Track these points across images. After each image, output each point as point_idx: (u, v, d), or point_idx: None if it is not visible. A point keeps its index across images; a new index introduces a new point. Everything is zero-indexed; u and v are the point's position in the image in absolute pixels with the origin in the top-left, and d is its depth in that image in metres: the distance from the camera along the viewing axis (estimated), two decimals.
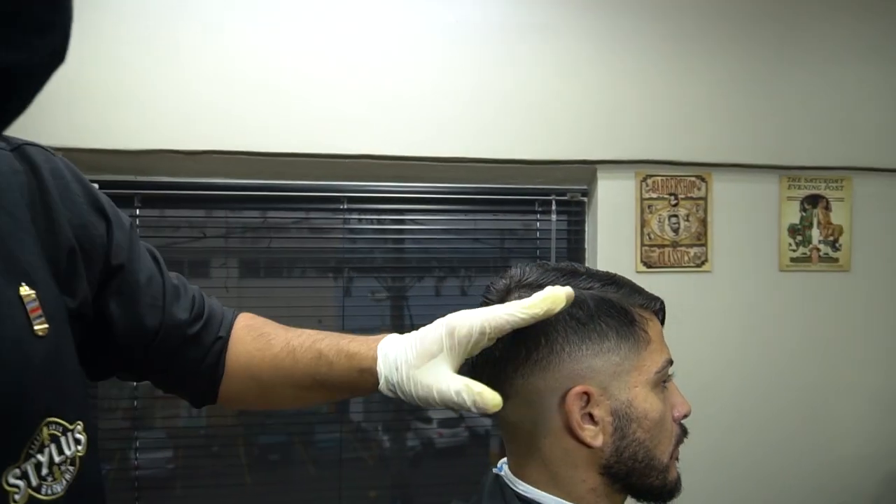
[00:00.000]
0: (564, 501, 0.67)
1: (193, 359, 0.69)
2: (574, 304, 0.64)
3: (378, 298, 1.92)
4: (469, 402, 0.60)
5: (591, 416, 0.64)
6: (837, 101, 1.88)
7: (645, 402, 0.66)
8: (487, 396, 0.60)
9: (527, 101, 1.76)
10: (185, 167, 1.71)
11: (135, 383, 1.69)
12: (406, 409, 1.89)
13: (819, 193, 1.89)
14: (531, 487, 0.67)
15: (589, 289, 0.67)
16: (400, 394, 0.64)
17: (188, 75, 1.64)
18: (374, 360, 0.66)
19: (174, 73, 1.64)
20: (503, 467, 0.72)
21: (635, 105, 1.80)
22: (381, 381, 0.65)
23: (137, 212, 1.74)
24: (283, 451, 1.95)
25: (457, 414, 1.83)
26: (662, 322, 0.71)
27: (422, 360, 0.63)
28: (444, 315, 0.66)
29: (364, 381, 0.67)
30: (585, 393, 0.64)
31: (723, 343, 1.86)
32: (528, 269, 0.69)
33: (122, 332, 0.63)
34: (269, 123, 1.67)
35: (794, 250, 1.88)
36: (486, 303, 0.69)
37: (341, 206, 1.80)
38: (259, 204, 1.83)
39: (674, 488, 0.69)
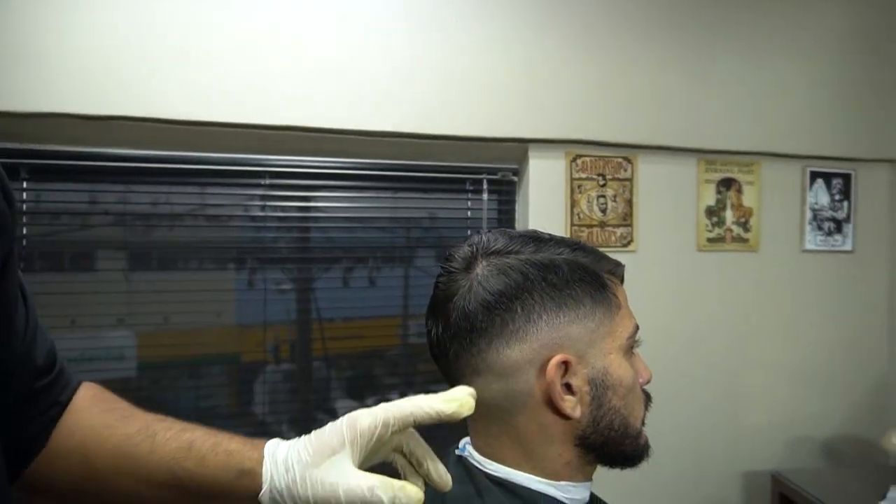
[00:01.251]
0: (540, 478, 0.63)
1: (26, 417, 0.53)
2: (549, 269, 0.61)
3: (283, 290, 1.81)
4: (387, 500, 0.48)
5: (568, 386, 0.61)
6: (752, 89, 1.97)
7: (619, 368, 0.64)
8: (410, 491, 0.49)
9: (459, 76, 1.72)
10: (83, 135, 1.53)
11: None
12: (312, 402, 1.80)
13: (732, 177, 1.98)
14: (502, 466, 0.64)
15: (560, 255, 0.64)
16: (289, 501, 0.50)
17: (90, 30, 1.46)
18: (259, 460, 0.53)
19: (73, 27, 1.45)
20: (466, 448, 0.68)
21: (566, 85, 1.80)
22: (265, 485, 0.51)
23: (24, 184, 1.54)
24: None
25: (360, 405, 1.78)
26: None
27: (320, 457, 0.51)
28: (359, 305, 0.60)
29: (241, 485, 0.53)
30: (564, 362, 0.60)
31: (646, 322, 1.90)
32: (492, 236, 0.66)
33: None
34: (183, 89, 1.52)
35: (710, 231, 1.96)
36: (448, 272, 0.64)
37: (262, 182, 1.68)
38: (166, 178, 1.64)
39: (644, 451, 0.68)
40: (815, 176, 2.07)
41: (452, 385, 0.64)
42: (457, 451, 0.69)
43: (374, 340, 1.89)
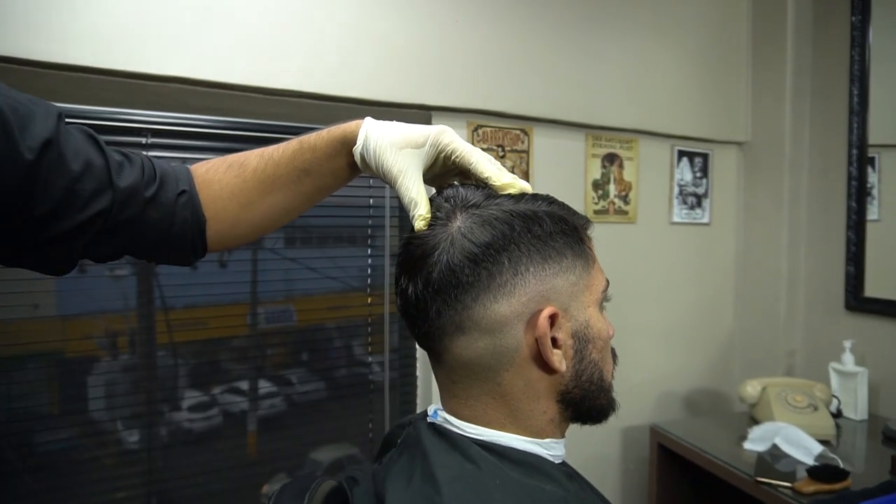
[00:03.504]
0: (525, 437, 0.62)
1: (158, 219, 0.66)
2: (533, 221, 0.60)
3: (118, 276, 1.63)
4: (410, 214, 0.62)
5: (554, 339, 0.60)
6: (631, 71, 2.10)
7: (598, 322, 0.65)
8: (419, 224, 0.61)
9: (365, 37, 1.63)
10: None
11: None
12: (156, 396, 1.64)
13: (615, 152, 2.10)
14: (486, 429, 0.62)
15: (538, 207, 0.62)
16: (372, 158, 0.65)
17: None
18: (358, 126, 0.67)
19: None
20: (437, 413, 0.65)
21: (469, 55, 1.78)
22: (359, 142, 0.65)
23: None
24: None
25: (209, 397, 1.69)
26: None
27: (404, 143, 0.64)
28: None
29: (345, 149, 0.68)
30: (552, 315, 0.59)
31: None
32: (466, 190, 0.63)
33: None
34: (49, 27, 1.28)
35: (596, 203, 2.07)
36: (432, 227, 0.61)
37: (143, 142, 1.46)
38: None
39: (613, 405, 0.69)
40: (681, 154, 2.26)
41: (429, 349, 0.64)
42: (428, 418, 0.65)
43: (220, 330, 1.74)
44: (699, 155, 2.31)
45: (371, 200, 1.81)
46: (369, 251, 1.85)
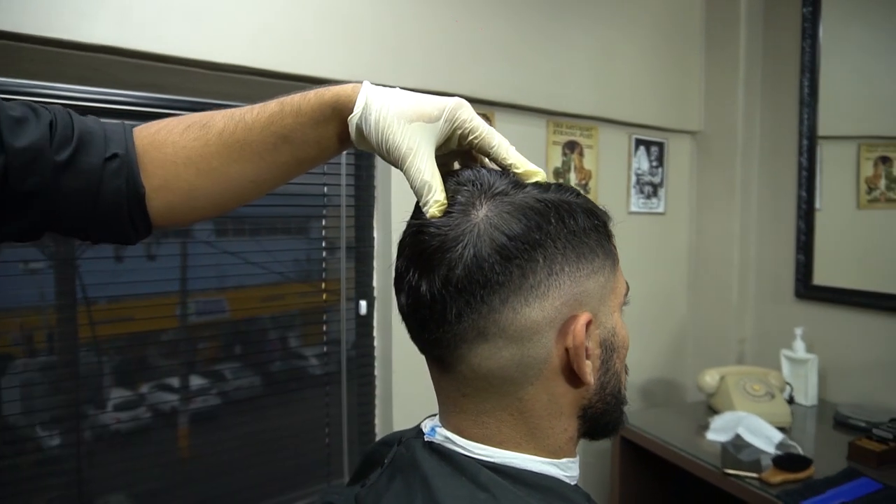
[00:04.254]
0: (541, 458, 0.55)
1: (77, 189, 0.55)
2: (568, 214, 0.52)
3: (33, 269, 1.47)
4: (421, 199, 0.53)
5: (586, 349, 0.53)
6: (592, 58, 2.05)
7: (623, 328, 0.59)
8: (434, 211, 0.52)
9: (318, 10, 1.50)
10: None
11: None
12: (79, 396, 1.49)
13: (576, 140, 2.05)
14: (496, 450, 0.54)
15: (568, 196, 0.55)
16: (374, 132, 0.55)
17: None
18: (354, 90, 0.57)
19: None
20: (436, 431, 0.57)
21: (431, 34, 1.68)
22: (358, 110, 0.55)
23: None
24: None
25: (134, 393, 1.54)
26: None
27: (416, 116, 0.54)
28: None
29: (336, 116, 0.58)
30: (587, 323, 0.52)
31: None
32: (487, 174, 0.56)
33: None
34: None
35: None
36: (444, 214, 0.52)
37: None
38: None
39: (624, 419, 0.63)
40: (638, 143, 2.24)
41: (437, 358, 0.55)
42: (425, 436, 0.57)
43: (148, 323, 1.60)
44: (655, 144, 2.29)
45: (325, 188, 1.69)
46: (324, 243, 1.73)
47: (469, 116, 0.56)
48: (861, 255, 2.06)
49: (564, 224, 0.52)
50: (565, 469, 0.56)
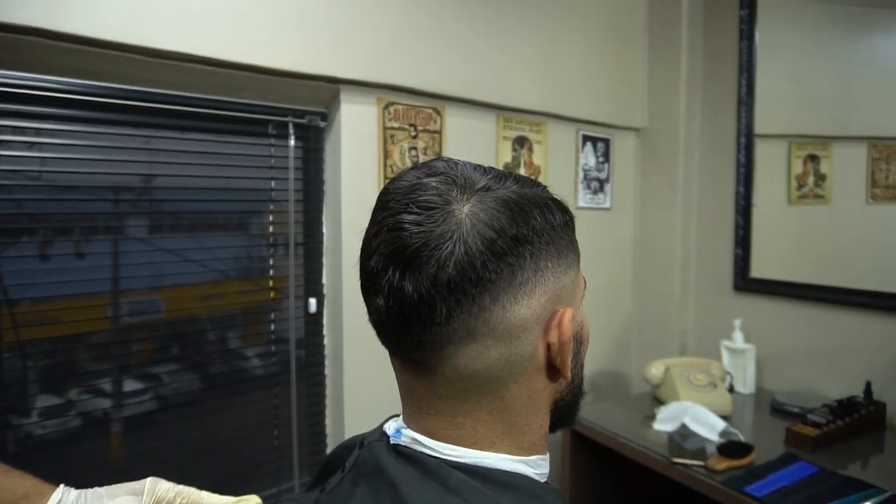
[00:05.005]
0: (511, 457, 0.54)
1: None
2: (547, 208, 0.52)
3: None
4: None
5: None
6: (541, 53, 2.06)
7: (586, 321, 0.60)
8: None
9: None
10: None
11: None
12: (4, 410, 1.41)
13: (525, 135, 2.06)
14: (467, 450, 0.53)
15: (541, 191, 0.55)
16: None
17: None
18: (50, 489, 0.64)
19: None
20: (401, 432, 0.55)
21: (379, 26, 1.65)
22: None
23: None
24: None
25: (63, 399, 1.48)
26: None
27: (120, 491, 0.64)
28: None
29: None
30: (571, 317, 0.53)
31: None
32: (463, 168, 0.53)
33: None
34: None
35: None
36: (426, 209, 0.49)
37: None
38: None
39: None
40: (585, 139, 2.27)
41: (416, 361, 0.52)
42: (391, 439, 0.55)
43: (77, 325, 1.50)
44: (601, 140, 2.33)
45: (273, 183, 1.63)
46: (271, 239, 1.67)
47: (168, 485, 0.67)
48: (792, 249, 2.16)
49: (546, 219, 0.51)
50: (535, 467, 0.56)
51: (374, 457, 0.55)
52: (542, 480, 0.56)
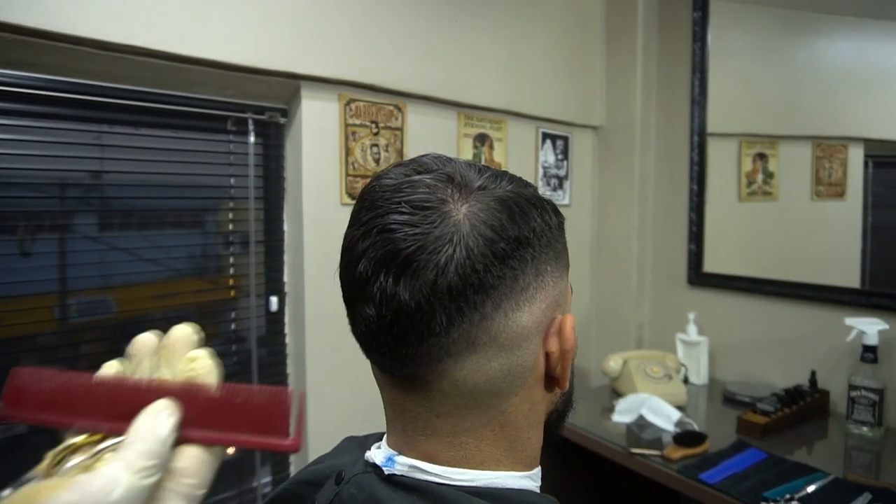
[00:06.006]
0: (518, 473, 0.52)
1: None
2: (544, 211, 0.49)
3: None
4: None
5: None
6: (502, 51, 2.08)
7: (574, 327, 0.58)
8: None
9: None
10: None
11: None
12: None
13: (486, 133, 2.07)
14: (476, 471, 0.49)
15: (533, 191, 0.52)
16: None
17: None
18: None
19: None
20: (394, 461, 0.50)
21: (343, 21, 1.64)
22: None
23: None
24: None
25: None
26: None
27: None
28: None
29: None
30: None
31: None
32: (457, 165, 0.50)
33: None
34: None
35: None
36: (421, 209, 0.45)
37: None
38: None
39: None
40: (545, 137, 2.30)
41: (409, 376, 0.48)
42: (383, 469, 0.50)
43: (22, 327, 1.44)
44: (561, 138, 2.36)
45: (232, 180, 1.60)
46: (230, 237, 1.64)
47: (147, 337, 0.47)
48: (743, 244, 2.24)
49: (544, 220, 0.49)
50: (536, 480, 0.54)
51: (368, 492, 0.49)
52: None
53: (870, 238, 1.90)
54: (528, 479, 0.52)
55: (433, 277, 0.43)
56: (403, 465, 0.49)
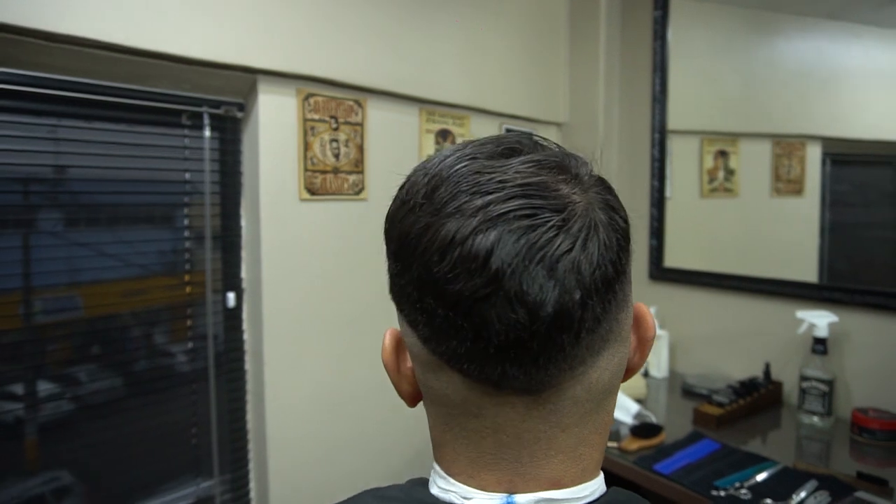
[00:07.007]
0: (601, 477, 0.48)
1: None
2: (614, 208, 0.43)
3: None
4: None
5: None
6: (465, 46, 2.07)
7: None
8: None
9: None
10: None
11: None
12: None
13: (448, 128, 2.08)
14: (590, 483, 0.45)
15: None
16: None
17: None
18: None
19: None
20: (513, 500, 0.43)
21: (300, 14, 1.62)
22: None
23: None
24: None
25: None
26: None
27: None
28: None
29: None
30: None
31: (379, 272, 1.89)
32: (557, 150, 0.46)
33: None
34: None
35: None
36: (569, 205, 0.40)
37: None
38: None
39: None
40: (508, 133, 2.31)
41: (531, 395, 0.42)
42: None
43: None
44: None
45: (187, 175, 1.58)
46: (186, 232, 1.62)
47: None
48: (703, 240, 2.28)
49: (623, 215, 0.45)
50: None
51: None
52: None
53: (828, 235, 1.94)
54: (603, 483, 0.48)
55: (591, 268, 0.38)
56: (538, 500, 0.43)
